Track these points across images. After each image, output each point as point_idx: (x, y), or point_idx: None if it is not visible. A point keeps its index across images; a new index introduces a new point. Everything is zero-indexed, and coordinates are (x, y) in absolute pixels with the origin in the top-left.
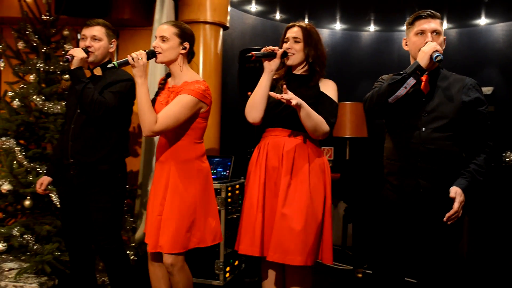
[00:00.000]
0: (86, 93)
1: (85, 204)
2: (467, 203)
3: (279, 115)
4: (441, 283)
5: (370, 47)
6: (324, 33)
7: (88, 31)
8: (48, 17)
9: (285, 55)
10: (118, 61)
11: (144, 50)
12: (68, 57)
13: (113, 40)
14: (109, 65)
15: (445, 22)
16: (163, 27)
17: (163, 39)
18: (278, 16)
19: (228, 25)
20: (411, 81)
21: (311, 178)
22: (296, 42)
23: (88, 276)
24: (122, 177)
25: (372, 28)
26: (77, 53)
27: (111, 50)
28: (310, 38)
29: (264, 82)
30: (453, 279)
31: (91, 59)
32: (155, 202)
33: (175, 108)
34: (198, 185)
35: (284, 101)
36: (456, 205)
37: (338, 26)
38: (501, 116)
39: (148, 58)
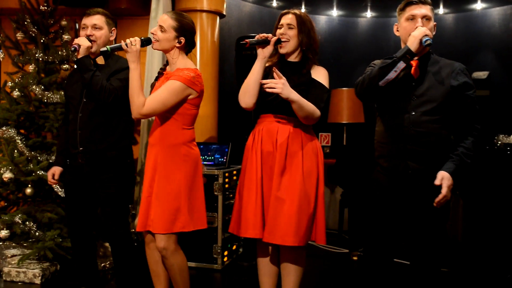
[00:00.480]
0: (95, 80)
1: (92, 191)
2: (456, 185)
3: (272, 102)
4: (429, 262)
5: (367, 33)
6: (321, 19)
7: (89, 20)
8: (46, 8)
9: (278, 42)
10: (111, 46)
11: (140, 37)
12: (75, 46)
13: (113, 28)
14: (102, 49)
15: (441, 6)
16: (164, 17)
17: (161, 29)
18: (275, 3)
19: (224, 13)
20: (401, 65)
21: (305, 162)
22: (290, 28)
23: (90, 262)
24: (131, 163)
25: (368, 14)
26: (83, 42)
27: (111, 38)
28: (303, 25)
29: (257, 68)
30: (440, 259)
31: (93, 49)
32: (145, 184)
33: (163, 93)
34: (184, 169)
35: (269, 90)
36: (444, 190)
37: (335, 12)
38: (496, 100)
39: (143, 45)
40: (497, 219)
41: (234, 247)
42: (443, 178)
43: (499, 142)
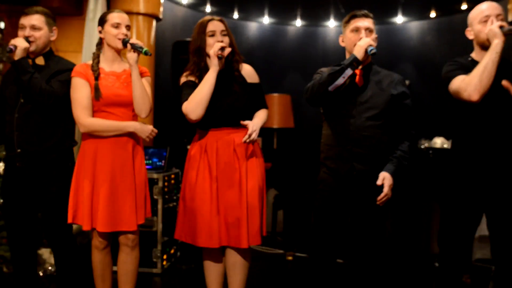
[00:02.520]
0: (34, 83)
1: (31, 196)
2: (396, 185)
3: (223, 118)
4: (369, 260)
5: (296, 41)
6: (253, 26)
7: (27, 20)
8: None
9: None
10: (146, 48)
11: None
12: (11, 47)
13: (54, 28)
14: (147, 53)
15: None
16: (126, 16)
17: (128, 27)
18: (208, 8)
19: (161, 16)
20: (349, 72)
21: (258, 162)
22: (224, 35)
23: (30, 270)
24: (72, 166)
25: (298, 22)
26: (20, 43)
27: (52, 38)
28: (230, 31)
29: (212, 81)
30: (380, 256)
31: (32, 48)
32: (125, 182)
33: (149, 89)
34: (143, 159)
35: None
36: (386, 189)
37: (266, 20)
38: (416, 108)
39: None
40: (420, 216)
41: (172, 251)
42: (384, 178)
43: (422, 146)
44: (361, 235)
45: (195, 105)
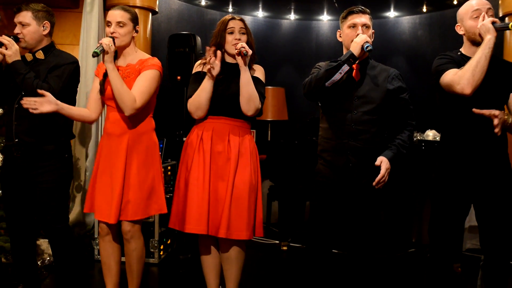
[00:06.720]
0: (26, 83)
1: (30, 186)
2: (393, 171)
3: (223, 107)
4: (366, 250)
5: (290, 35)
6: (247, 20)
7: (16, 18)
8: None
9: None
10: (98, 49)
11: (108, 37)
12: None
13: (45, 22)
14: (93, 55)
15: None
16: (117, 12)
17: (120, 24)
18: (203, 2)
19: (157, 9)
20: (345, 68)
21: (251, 160)
22: (242, 33)
23: (29, 260)
24: (68, 158)
25: (292, 16)
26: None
27: (44, 32)
28: (248, 29)
29: (208, 88)
30: (375, 245)
31: (22, 45)
32: (115, 175)
33: (146, 83)
34: (155, 155)
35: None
36: (383, 171)
37: (260, 13)
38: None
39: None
40: (412, 207)
41: (169, 241)
42: (382, 161)
43: (415, 139)
44: (355, 226)
45: (195, 108)
